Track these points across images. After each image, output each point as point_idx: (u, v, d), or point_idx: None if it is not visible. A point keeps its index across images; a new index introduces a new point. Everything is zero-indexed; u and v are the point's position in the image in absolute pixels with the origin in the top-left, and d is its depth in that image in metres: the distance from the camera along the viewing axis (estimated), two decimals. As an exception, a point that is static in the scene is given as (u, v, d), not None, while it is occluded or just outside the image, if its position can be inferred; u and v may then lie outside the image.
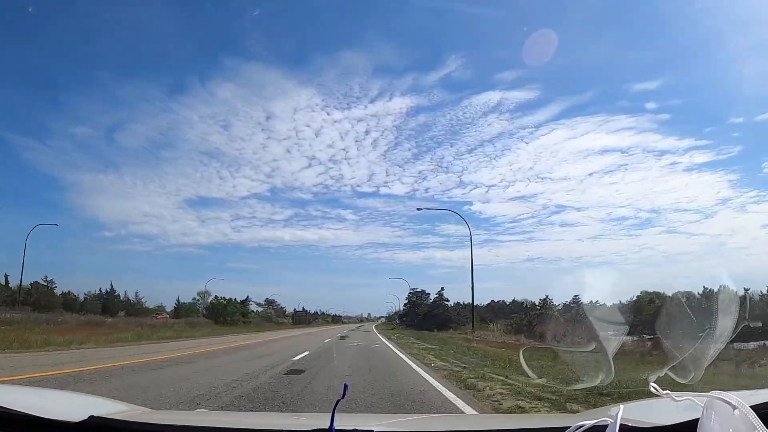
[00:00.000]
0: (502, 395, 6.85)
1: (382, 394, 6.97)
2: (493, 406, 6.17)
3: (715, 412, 1.04)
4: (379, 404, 6.14)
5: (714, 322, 1.74)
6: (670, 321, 3.60)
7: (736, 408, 1.02)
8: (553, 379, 7.89)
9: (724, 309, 1.77)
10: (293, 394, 6.85)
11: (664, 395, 1.26)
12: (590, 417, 1.19)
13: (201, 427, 1.61)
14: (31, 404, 1.37)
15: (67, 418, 1.32)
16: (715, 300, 1.72)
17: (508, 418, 3.31)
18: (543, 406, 5.95)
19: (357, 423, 1.41)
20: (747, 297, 3.36)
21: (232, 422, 2.01)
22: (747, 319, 1.98)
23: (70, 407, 1.49)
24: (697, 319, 1.77)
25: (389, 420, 2.03)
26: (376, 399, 6.52)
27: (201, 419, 2.23)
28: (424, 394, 7.10)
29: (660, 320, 9.84)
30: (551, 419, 2.30)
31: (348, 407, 5.36)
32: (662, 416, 1.29)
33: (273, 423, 1.96)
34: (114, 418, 1.43)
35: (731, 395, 1.06)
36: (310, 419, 1.92)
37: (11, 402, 1.33)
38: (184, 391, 6.95)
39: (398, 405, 6.16)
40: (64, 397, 2.00)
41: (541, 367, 9.17)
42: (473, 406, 6.12)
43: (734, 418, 1.01)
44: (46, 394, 2.00)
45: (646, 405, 1.56)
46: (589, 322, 2.24)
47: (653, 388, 1.28)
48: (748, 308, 3.01)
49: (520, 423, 2.11)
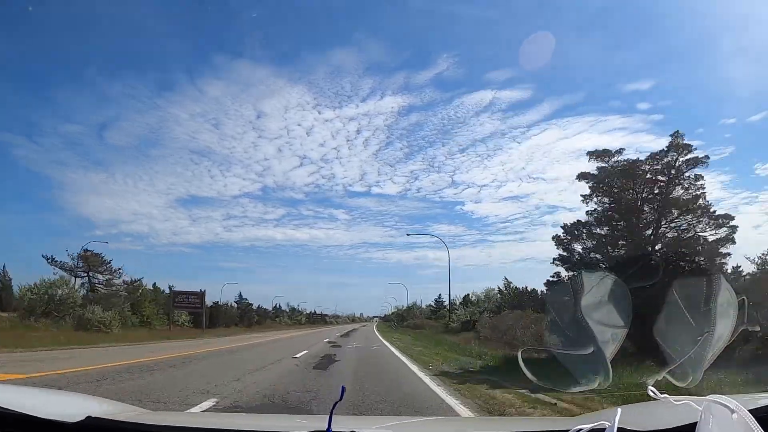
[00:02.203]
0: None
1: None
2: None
3: (714, 416, 1.04)
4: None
5: (712, 326, 1.74)
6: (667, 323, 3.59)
7: (735, 412, 1.02)
8: (549, 380, 7.89)
9: (722, 312, 1.77)
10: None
11: (662, 399, 1.26)
12: (588, 420, 1.19)
13: (198, 428, 1.60)
14: (29, 404, 1.37)
15: (64, 419, 1.32)
16: (713, 303, 1.72)
17: (506, 421, 3.30)
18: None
19: (354, 425, 1.41)
20: (745, 300, 3.38)
21: (230, 424, 2.01)
22: (745, 323, 1.98)
23: (68, 408, 1.49)
24: (696, 322, 1.77)
25: (387, 422, 2.03)
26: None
27: (198, 420, 2.22)
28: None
29: (657, 323, 9.82)
30: (550, 422, 2.29)
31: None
32: (660, 420, 1.29)
33: (271, 425, 1.96)
34: (111, 419, 1.42)
35: (729, 399, 1.06)
36: (308, 421, 1.91)
37: (8, 402, 1.32)
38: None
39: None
40: (61, 397, 1.99)
41: (537, 368, 9.18)
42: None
43: (732, 422, 1.01)
44: (43, 394, 1.99)
45: (644, 408, 1.56)
46: (587, 324, 2.23)
47: (651, 391, 1.28)
48: (746, 312, 3.00)
49: (518, 426, 2.11)
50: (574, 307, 2.03)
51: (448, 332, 31.15)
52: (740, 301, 1.77)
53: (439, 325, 38.99)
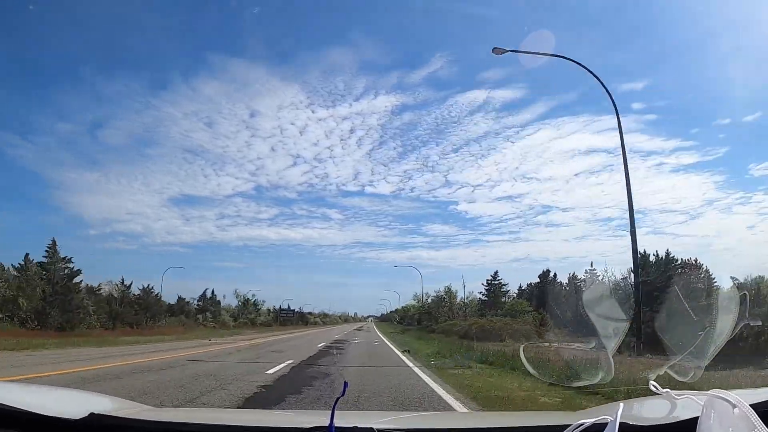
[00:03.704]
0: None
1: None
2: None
3: (715, 410, 1.04)
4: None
5: (714, 321, 1.74)
6: (669, 319, 3.60)
7: (736, 406, 1.02)
8: (551, 375, 7.91)
9: (724, 307, 1.77)
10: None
11: (664, 393, 1.27)
12: (590, 415, 1.19)
13: (201, 424, 1.61)
14: (32, 401, 1.37)
15: (67, 416, 1.32)
16: (715, 298, 1.72)
17: (509, 416, 3.31)
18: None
19: (357, 420, 1.41)
20: (746, 296, 3.41)
21: (232, 419, 2.01)
22: (746, 318, 1.98)
23: (71, 404, 1.49)
24: (697, 317, 1.77)
25: (389, 417, 2.04)
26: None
27: (201, 416, 2.23)
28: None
29: (659, 318, 9.86)
30: (552, 417, 2.30)
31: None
32: (662, 415, 1.29)
33: (273, 420, 1.96)
34: (114, 415, 1.43)
35: (731, 394, 1.06)
36: (310, 417, 1.92)
37: (11, 399, 1.33)
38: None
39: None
40: (64, 394, 2.00)
41: (541, 364, 9.20)
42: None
43: (734, 416, 1.01)
44: (46, 391, 2.00)
45: (645, 403, 1.56)
46: (589, 320, 2.24)
47: (653, 386, 1.28)
48: (748, 307, 3.02)
49: (520, 421, 2.11)
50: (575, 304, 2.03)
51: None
52: (741, 296, 1.77)
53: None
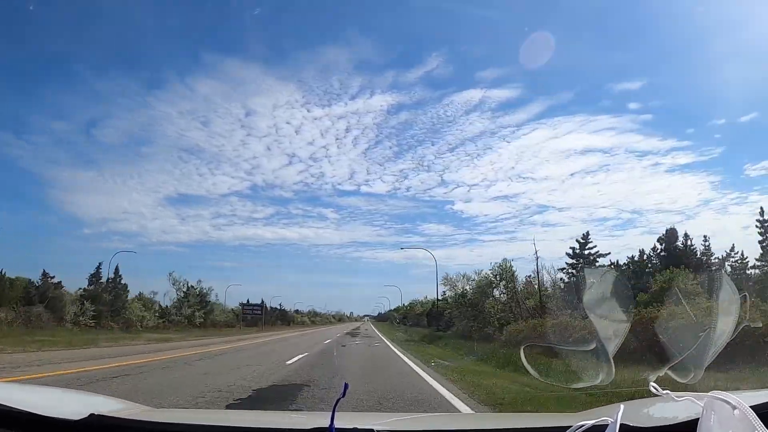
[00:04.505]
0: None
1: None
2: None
3: (715, 412, 1.04)
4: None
5: (714, 322, 1.74)
6: (669, 320, 3.60)
7: (736, 408, 1.02)
8: (548, 377, 7.91)
9: (724, 309, 1.77)
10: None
11: (664, 395, 1.27)
12: (591, 416, 1.19)
13: (201, 425, 1.61)
14: (32, 402, 1.37)
15: (67, 416, 1.32)
16: (715, 300, 1.72)
17: (509, 417, 3.31)
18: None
19: (357, 422, 1.41)
20: (747, 297, 3.41)
21: (233, 420, 2.01)
22: (747, 320, 1.98)
23: (71, 405, 1.49)
24: (698, 318, 1.77)
25: (389, 419, 2.04)
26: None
27: (201, 417, 2.23)
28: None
29: (659, 320, 9.85)
30: (552, 418, 2.30)
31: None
32: (662, 416, 1.29)
33: (273, 421, 1.97)
34: (115, 416, 1.43)
35: (731, 395, 1.06)
36: (310, 418, 1.92)
37: (12, 399, 1.33)
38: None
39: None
40: (64, 395, 2.00)
41: (540, 365, 9.23)
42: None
43: (734, 418, 1.01)
44: (46, 392, 2.00)
45: (646, 405, 1.56)
46: (589, 320, 2.24)
47: (653, 387, 1.28)
48: (748, 309, 3.02)
49: (520, 422, 2.11)
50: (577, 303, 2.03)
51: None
52: (742, 297, 1.77)
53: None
